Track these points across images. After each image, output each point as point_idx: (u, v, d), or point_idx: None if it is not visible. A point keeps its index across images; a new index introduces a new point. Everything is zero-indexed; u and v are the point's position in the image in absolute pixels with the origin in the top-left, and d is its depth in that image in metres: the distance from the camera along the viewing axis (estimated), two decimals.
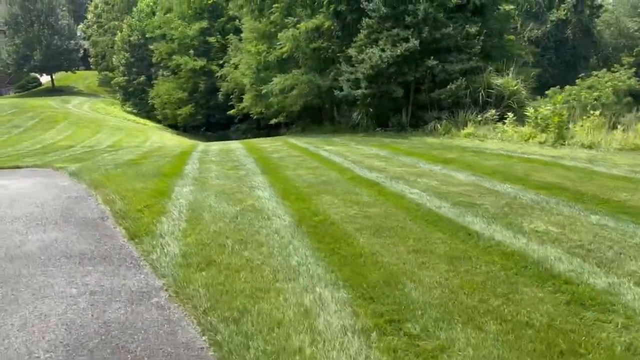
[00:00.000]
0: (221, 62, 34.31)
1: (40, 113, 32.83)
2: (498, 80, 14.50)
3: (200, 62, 33.00)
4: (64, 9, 51.15)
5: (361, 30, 15.57)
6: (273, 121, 29.21)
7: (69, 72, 53.74)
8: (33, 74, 50.37)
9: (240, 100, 32.01)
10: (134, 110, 44.29)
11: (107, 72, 56.35)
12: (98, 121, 32.63)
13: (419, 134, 14.69)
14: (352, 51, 15.76)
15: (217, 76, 32.56)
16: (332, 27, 16.84)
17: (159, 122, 38.87)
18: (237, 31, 36.16)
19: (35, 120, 30.53)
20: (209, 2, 34.42)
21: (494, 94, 14.26)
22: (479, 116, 13.77)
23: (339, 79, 16.55)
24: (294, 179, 8.54)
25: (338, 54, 17.28)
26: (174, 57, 33.76)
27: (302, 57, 17.72)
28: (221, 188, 7.87)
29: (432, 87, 14.85)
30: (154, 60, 39.06)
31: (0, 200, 7.83)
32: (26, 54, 45.03)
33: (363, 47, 15.28)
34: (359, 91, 15.28)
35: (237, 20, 33.97)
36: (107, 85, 54.77)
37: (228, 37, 28.89)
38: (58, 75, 51.52)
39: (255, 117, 30.19)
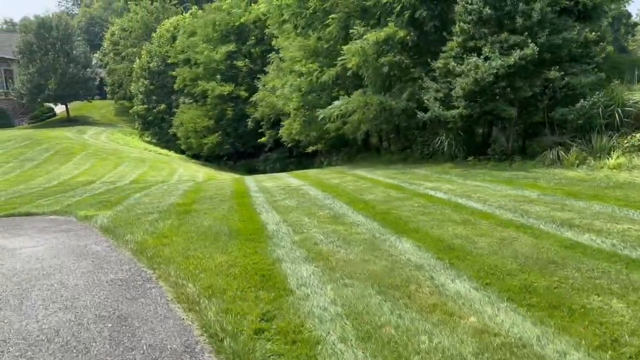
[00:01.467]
0: (248, 87, 31.74)
1: (55, 144, 30.23)
2: (635, 96, 11.44)
3: (228, 88, 30.42)
4: (79, 38, 49.29)
5: (453, 38, 12.68)
6: (310, 149, 26.40)
7: (85, 102, 51.65)
8: (47, 104, 48.27)
9: (274, 126, 29.28)
10: (153, 140, 41.76)
11: (123, 101, 54.34)
12: (118, 152, 29.93)
13: (537, 164, 11.58)
14: (439, 63, 12.83)
15: (250, 102, 29.91)
16: (408, 38, 13.99)
17: (180, 152, 36.16)
18: (266, 53, 33.86)
19: (50, 153, 27.89)
20: (236, 24, 32.06)
21: (633, 113, 11.18)
22: (618, 141, 10.67)
23: (420, 98, 13.61)
24: (469, 249, 5.39)
25: (412, 69, 14.43)
26: (199, 82, 31.23)
27: (371, 74, 14.83)
28: (365, 269, 4.77)
29: (551, 105, 11.80)
30: (175, 87, 36.63)
31: (3, 289, 4.81)
32: (40, 83, 42.94)
33: (455, 58, 12.35)
34: (454, 112, 12.26)
35: (268, 43, 31.59)
36: (124, 114, 52.61)
37: (269, 56, 26.26)
38: (73, 105, 49.42)
39: (289, 145, 27.35)
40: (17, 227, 9.26)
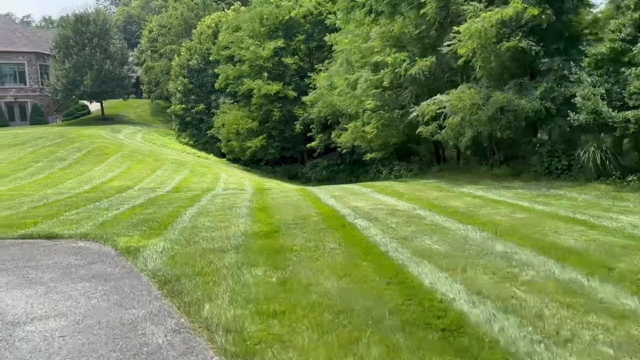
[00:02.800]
0: (296, 86, 28.86)
1: (88, 144, 27.92)
2: None
3: (275, 87, 27.56)
4: (116, 35, 47.23)
5: (625, 13, 9.42)
6: (368, 156, 23.28)
7: (120, 100, 49.82)
8: (82, 102, 46.52)
9: (325, 130, 26.29)
10: (190, 142, 39.30)
11: (159, 101, 52.34)
12: (155, 154, 27.41)
13: None
14: (604, 48, 9.56)
15: (299, 102, 27.02)
16: (544, 17, 10.74)
17: (219, 155, 33.51)
18: (316, 50, 30.97)
19: (83, 152, 25.52)
20: (285, 18, 29.26)
21: None
22: None
23: (556, 96, 10.36)
24: None
25: (542, 59, 11.18)
26: (244, 80, 28.46)
27: (489, 64, 11.59)
28: None
29: None
30: (216, 85, 34.04)
31: None
32: (76, 79, 41.07)
33: (626, 42, 9.09)
34: (630, 113, 8.97)
35: (319, 39, 28.70)
36: (159, 114, 50.61)
37: (333, 52, 23.28)
38: (108, 104, 47.59)
39: (343, 150, 24.32)
40: (30, 261, 6.42)
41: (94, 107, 48.03)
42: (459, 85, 12.80)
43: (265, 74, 28.20)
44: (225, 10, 40.19)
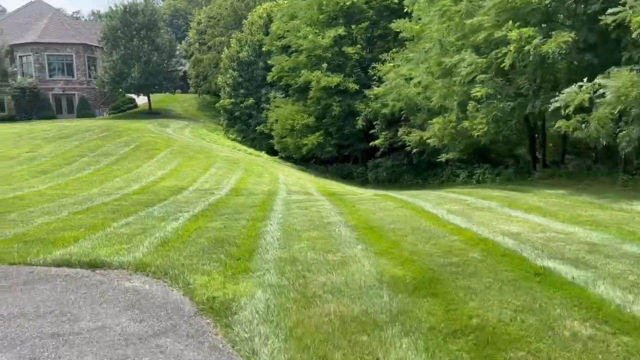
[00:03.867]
0: (357, 78, 26.23)
1: (136, 138, 26.19)
2: None
3: (336, 79, 24.97)
4: (163, 29, 45.61)
5: None
6: (443, 157, 20.45)
7: (166, 94, 48.55)
8: (128, 95, 45.38)
9: (390, 126, 23.56)
10: (238, 138, 37.28)
11: (206, 95, 50.79)
12: (206, 151, 25.40)
13: None
14: None
15: (361, 96, 24.43)
16: None
17: (269, 152, 31.22)
18: (379, 39, 28.22)
19: (131, 147, 23.74)
20: (347, 3, 26.63)
21: None
22: None
23: None
24: None
25: None
26: (302, 72, 25.99)
27: None
28: None
29: None
30: (269, 78, 31.80)
31: None
32: (123, 71, 39.80)
33: None
34: None
35: (383, 27, 25.97)
36: (206, 109, 49.07)
37: (402, 30, 20.57)
38: (154, 97, 46.32)
39: (414, 150, 21.58)
40: (63, 321, 4.06)
41: (141, 100, 46.90)
42: (596, 70, 9.89)
43: (325, 65, 25.66)
44: (277, 0, 37.88)
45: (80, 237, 7.68)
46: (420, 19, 19.75)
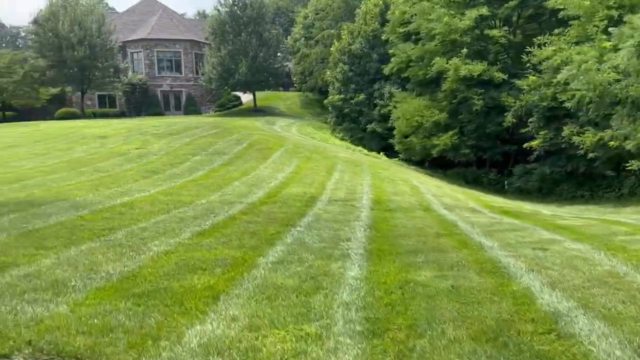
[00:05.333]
0: (503, 67, 21.87)
1: (247, 136, 24.03)
2: None
3: (479, 67, 20.85)
4: (269, 24, 43.67)
5: None
6: (633, 165, 15.73)
7: (269, 92, 46.99)
8: (234, 93, 44.23)
9: (549, 123, 19.02)
10: (345, 137, 34.24)
11: (308, 93, 48.54)
12: (320, 151, 22.57)
13: None
14: None
15: (510, 87, 20.16)
16: None
17: (386, 153, 27.62)
18: (533, 19, 23.50)
19: (243, 146, 21.49)
20: None
21: None
22: None
23: None
24: None
25: None
26: (436, 60, 22.13)
27: None
28: None
29: None
30: (386, 70, 28.41)
31: None
32: (230, 67, 38.43)
33: None
34: None
35: (537, 5, 21.39)
36: (309, 106, 46.92)
37: (565, 7, 16.22)
38: (258, 95, 44.73)
39: (589, 154, 17.00)
40: None
41: (245, 98, 45.72)
42: None
43: (465, 51, 21.60)
44: None
45: (219, 290, 4.75)
46: None
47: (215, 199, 11.33)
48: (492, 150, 22.63)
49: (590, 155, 16.88)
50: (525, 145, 19.65)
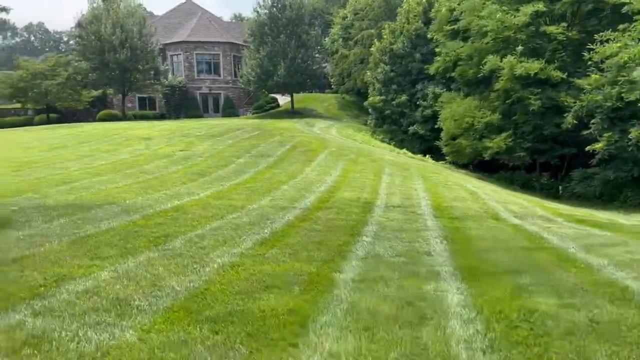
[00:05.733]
0: (561, 65, 20.59)
1: (289, 138, 23.48)
2: None
3: (536, 65, 19.63)
4: (307, 26, 42.88)
5: None
6: None
7: (306, 94, 46.54)
8: (271, 95, 43.89)
9: (613, 124, 17.67)
10: (385, 139, 33.28)
11: (345, 95, 47.77)
12: (365, 154, 21.77)
13: None
14: None
15: (570, 86, 18.93)
16: None
17: (437, 157, 26.52)
18: (592, 14, 22.07)
19: (286, 148, 20.94)
20: None
21: None
22: None
23: None
24: None
25: None
26: (489, 58, 20.94)
27: None
28: None
29: None
30: (431, 70, 27.42)
31: None
32: (269, 69, 38.09)
33: None
34: None
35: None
36: (346, 108, 46.22)
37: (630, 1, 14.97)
38: (295, 97, 44.24)
39: None
40: None
41: (282, 100, 45.32)
42: None
43: (520, 49, 20.40)
44: None
45: (304, 315, 4.10)
46: None
47: (266, 204, 10.73)
48: (550, 153, 21.27)
49: None
50: (588, 148, 18.32)
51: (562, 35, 20.62)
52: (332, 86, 48.77)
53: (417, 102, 31.87)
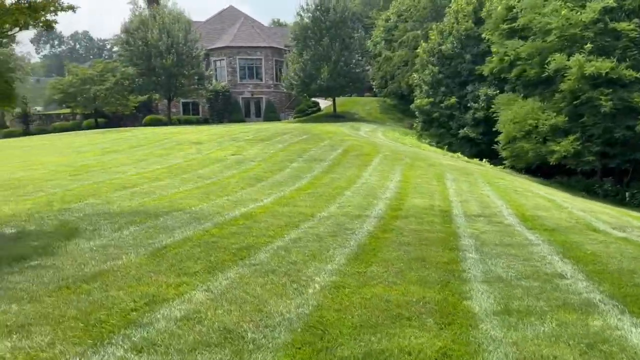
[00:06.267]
0: (634, 63, 19.10)
1: (339, 141, 22.76)
2: None
3: (607, 64, 18.24)
4: (351, 28, 41.84)
5: None
6: None
7: (346, 97, 45.89)
8: (313, 99, 43.33)
9: None
10: (432, 142, 32.10)
11: (387, 98, 46.77)
12: (422, 158, 20.83)
13: None
14: None
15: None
16: None
17: (491, 160, 25.25)
18: None
19: (338, 152, 20.20)
20: None
21: None
22: None
23: None
24: None
25: None
26: (554, 57, 19.62)
27: None
28: None
29: None
30: (486, 70, 26.23)
31: None
32: (312, 73, 37.57)
33: None
34: None
35: None
36: (388, 112, 45.41)
37: None
38: (337, 101, 43.54)
39: None
40: None
41: (323, 104, 44.74)
42: None
43: (589, 46, 19.02)
44: None
45: None
46: None
47: (335, 211, 9.97)
48: (621, 158, 19.75)
49: None
50: None
51: (635, 32, 19.11)
52: (374, 89, 47.82)
53: (468, 104, 30.65)
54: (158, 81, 37.13)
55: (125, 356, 3.34)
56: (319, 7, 38.45)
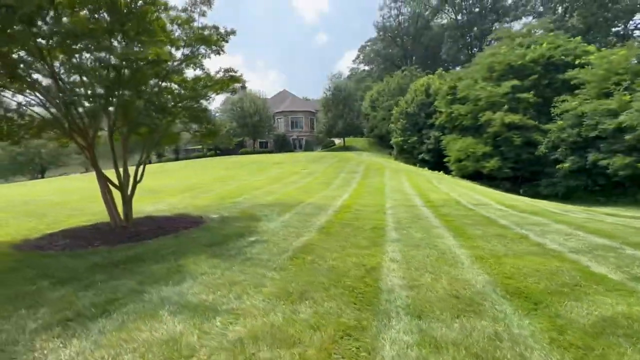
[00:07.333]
0: (532, 117, 17.98)
1: (359, 162, 21.99)
2: None
3: (516, 116, 17.29)
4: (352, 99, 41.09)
5: None
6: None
7: (349, 137, 44.68)
8: (330, 139, 42.31)
9: (574, 152, 15.00)
10: (402, 163, 30.88)
11: (371, 138, 45.55)
12: (410, 172, 19.78)
13: None
14: None
15: (538, 129, 16.35)
16: None
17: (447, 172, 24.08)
18: (548, 85, 19.49)
19: (362, 167, 19.30)
20: (518, 63, 18.67)
21: None
22: None
23: None
24: None
25: None
26: (485, 113, 18.72)
27: None
28: None
29: None
30: (437, 122, 25.32)
31: None
32: (331, 124, 36.64)
33: None
34: None
35: (550, 77, 17.50)
36: (373, 145, 43.88)
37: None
38: (346, 140, 42.42)
39: (619, 172, 12.84)
40: None
41: (337, 141, 43.64)
42: None
43: (505, 107, 18.05)
44: (430, 75, 31.11)
45: None
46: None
47: (393, 203, 8.94)
48: (524, 170, 18.75)
49: (620, 173, 12.86)
50: (558, 166, 15.78)
51: (531, 99, 18.12)
52: (365, 133, 46.74)
53: (423, 141, 29.60)
54: (247, 130, 36.30)
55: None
56: (335, 88, 37.73)
